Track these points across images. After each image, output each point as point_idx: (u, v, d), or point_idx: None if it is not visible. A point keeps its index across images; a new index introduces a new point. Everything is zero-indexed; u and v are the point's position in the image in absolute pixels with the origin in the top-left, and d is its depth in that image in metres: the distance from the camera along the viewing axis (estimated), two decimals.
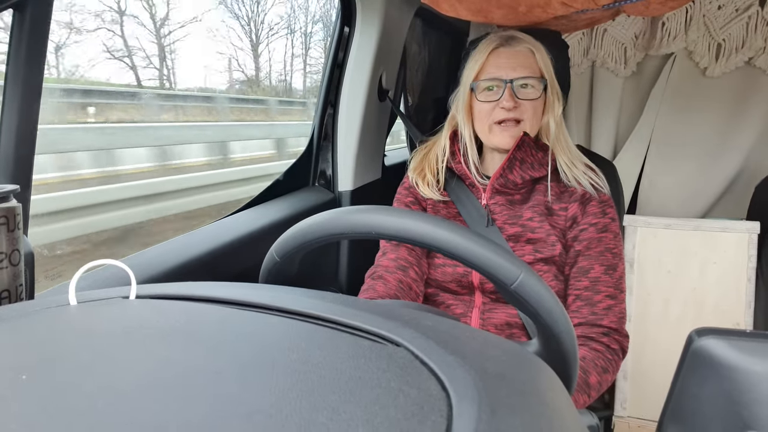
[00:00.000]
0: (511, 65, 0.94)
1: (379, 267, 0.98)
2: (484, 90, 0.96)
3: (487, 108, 0.95)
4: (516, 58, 0.95)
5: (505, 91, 0.93)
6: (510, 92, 0.93)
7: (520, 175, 0.96)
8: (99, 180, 3.30)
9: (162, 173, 3.83)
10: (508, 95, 0.93)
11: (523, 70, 0.94)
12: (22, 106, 0.69)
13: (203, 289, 0.40)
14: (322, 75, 1.45)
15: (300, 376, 0.26)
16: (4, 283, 0.49)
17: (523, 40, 0.97)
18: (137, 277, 0.40)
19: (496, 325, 0.94)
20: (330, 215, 0.56)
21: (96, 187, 3.21)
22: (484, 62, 0.96)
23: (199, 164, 4.26)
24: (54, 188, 2.92)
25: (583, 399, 0.82)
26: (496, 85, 0.95)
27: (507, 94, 0.93)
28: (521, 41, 0.97)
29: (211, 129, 4.66)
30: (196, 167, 4.19)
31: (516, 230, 0.95)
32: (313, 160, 1.48)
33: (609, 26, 1.86)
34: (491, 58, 0.96)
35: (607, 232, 0.93)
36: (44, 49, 0.70)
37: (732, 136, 1.80)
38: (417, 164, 1.06)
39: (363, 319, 0.34)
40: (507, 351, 0.34)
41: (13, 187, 0.50)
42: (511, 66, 0.94)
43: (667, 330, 1.51)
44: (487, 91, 0.96)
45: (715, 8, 1.74)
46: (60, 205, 2.78)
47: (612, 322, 0.89)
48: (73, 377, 0.25)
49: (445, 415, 0.24)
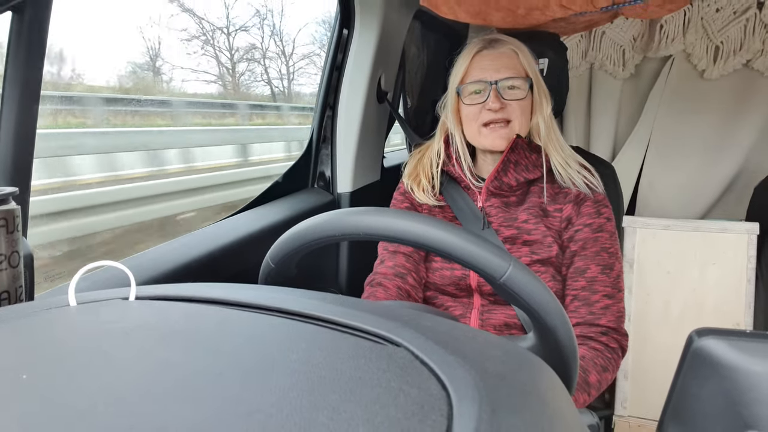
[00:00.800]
0: (494, 67, 0.95)
1: (378, 275, 0.99)
2: (470, 93, 0.97)
3: (474, 111, 0.96)
4: (499, 59, 0.96)
5: (490, 92, 0.94)
6: (495, 93, 0.94)
7: (514, 177, 0.96)
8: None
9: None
10: (494, 96, 0.94)
11: (507, 71, 0.95)
12: (20, 109, 0.69)
13: (203, 290, 0.39)
14: (321, 77, 1.45)
15: (300, 376, 0.26)
16: (4, 284, 0.49)
17: (506, 42, 0.98)
18: (137, 278, 0.40)
19: (495, 325, 0.94)
20: (319, 219, 0.56)
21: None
22: (468, 66, 0.97)
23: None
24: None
25: (583, 398, 0.82)
26: (481, 87, 0.95)
27: (492, 95, 0.94)
28: (504, 43, 0.98)
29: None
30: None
31: (512, 232, 0.95)
32: (312, 162, 1.49)
33: (607, 28, 1.87)
34: (475, 61, 0.97)
35: (603, 231, 0.94)
36: (43, 52, 0.70)
37: (731, 137, 1.81)
38: (412, 170, 1.06)
39: (363, 320, 0.34)
40: (507, 351, 0.34)
41: (12, 190, 0.50)
42: (495, 68, 0.95)
43: (667, 330, 1.51)
44: (473, 95, 0.96)
45: (713, 11, 1.74)
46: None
47: (610, 321, 0.89)
48: (73, 378, 0.25)
49: (445, 414, 0.24)
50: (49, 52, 0.68)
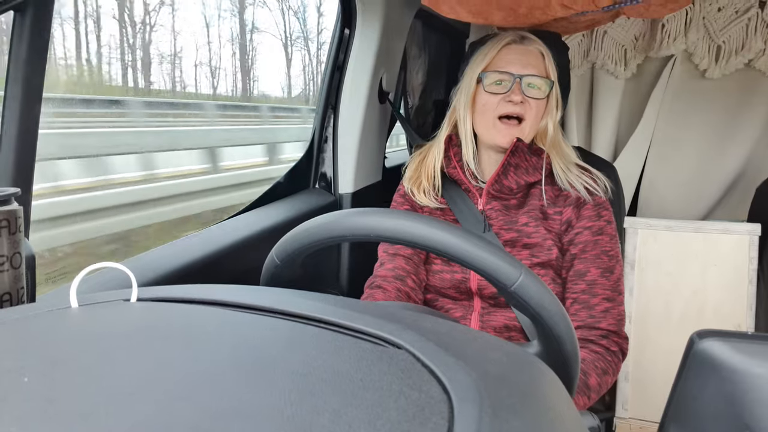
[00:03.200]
0: (522, 62, 0.95)
1: (377, 277, 0.98)
2: (492, 82, 0.96)
3: (493, 101, 0.95)
4: (527, 56, 0.96)
5: (513, 85, 0.94)
6: (519, 87, 0.94)
7: (515, 180, 0.96)
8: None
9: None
10: (517, 89, 0.93)
11: (533, 68, 0.95)
12: (23, 109, 0.69)
13: (204, 292, 0.40)
14: (322, 77, 1.45)
15: (301, 379, 0.26)
16: (6, 286, 0.49)
17: (535, 41, 0.98)
18: (138, 279, 0.40)
19: (495, 328, 0.94)
20: (332, 217, 0.56)
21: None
22: (495, 56, 0.97)
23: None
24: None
25: (582, 401, 0.82)
26: (505, 79, 0.95)
27: (516, 88, 0.94)
28: (533, 42, 0.98)
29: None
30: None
31: (512, 235, 0.95)
32: (314, 163, 1.49)
33: (609, 28, 1.86)
34: (503, 52, 0.97)
35: (603, 234, 0.93)
36: (45, 51, 0.70)
37: (732, 138, 1.80)
38: (412, 172, 1.06)
39: (364, 322, 0.34)
40: (508, 353, 0.34)
41: (14, 190, 0.50)
42: (522, 63, 0.95)
43: (668, 332, 1.51)
44: (495, 85, 0.96)
45: (715, 10, 1.74)
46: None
47: (610, 324, 0.89)
48: (74, 380, 0.25)
49: (446, 417, 0.24)
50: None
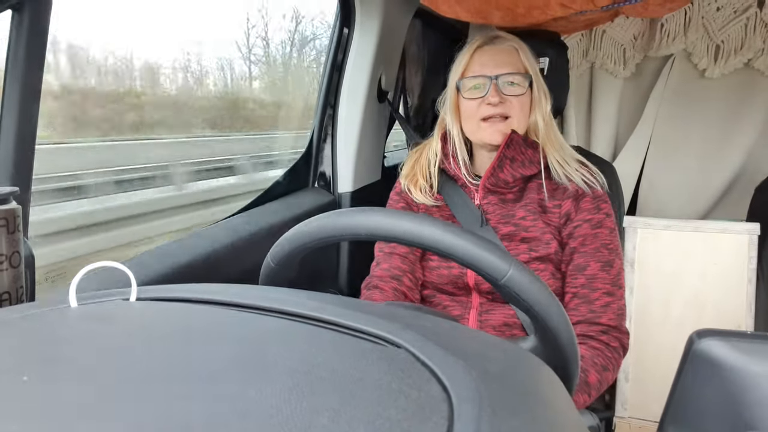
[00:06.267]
0: (495, 62, 0.96)
1: (374, 278, 0.99)
2: (470, 88, 0.97)
3: (473, 105, 0.96)
4: (500, 55, 0.96)
5: (490, 87, 0.94)
6: (495, 88, 0.94)
7: (510, 173, 0.96)
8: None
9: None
10: (494, 91, 0.94)
11: (507, 66, 0.95)
12: (21, 108, 0.69)
13: (203, 291, 0.39)
14: (321, 76, 1.45)
15: (301, 378, 0.26)
16: (5, 285, 0.49)
17: (506, 39, 0.99)
18: (137, 279, 0.40)
19: (495, 326, 0.94)
20: (322, 219, 0.56)
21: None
22: (469, 61, 0.98)
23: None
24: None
25: (583, 398, 0.82)
26: (481, 82, 0.96)
27: (492, 89, 0.94)
28: (505, 39, 0.99)
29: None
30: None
31: (509, 229, 0.95)
32: (313, 162, 1.48)
33: (608, 27, 1.86)
34: (476, 56, 0.98)
35: (602, 227, 0.93)
36: (43, 51, 0.70)
37: (732, 137, 1.80)
38: (409, 170, 1.06)
39: (364, 321, 0.34)
40: (507, 352, 0.34)
41: (13, 189, 0.50)
42: (495, 63, 0.96)
43: (667, 331, 1.51)
44: (473, 90, 0.97)
45: (714, 10, 1.74)
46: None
47: (611, 319, 0.88)
48: (74, 379, 0.25)
49: (446, 416, 0.24)
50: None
